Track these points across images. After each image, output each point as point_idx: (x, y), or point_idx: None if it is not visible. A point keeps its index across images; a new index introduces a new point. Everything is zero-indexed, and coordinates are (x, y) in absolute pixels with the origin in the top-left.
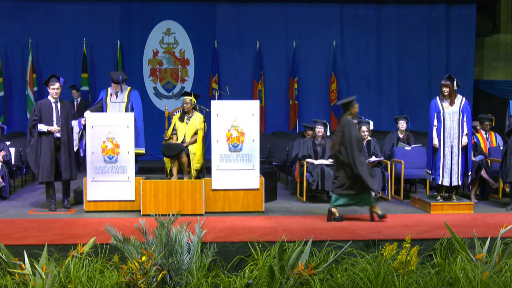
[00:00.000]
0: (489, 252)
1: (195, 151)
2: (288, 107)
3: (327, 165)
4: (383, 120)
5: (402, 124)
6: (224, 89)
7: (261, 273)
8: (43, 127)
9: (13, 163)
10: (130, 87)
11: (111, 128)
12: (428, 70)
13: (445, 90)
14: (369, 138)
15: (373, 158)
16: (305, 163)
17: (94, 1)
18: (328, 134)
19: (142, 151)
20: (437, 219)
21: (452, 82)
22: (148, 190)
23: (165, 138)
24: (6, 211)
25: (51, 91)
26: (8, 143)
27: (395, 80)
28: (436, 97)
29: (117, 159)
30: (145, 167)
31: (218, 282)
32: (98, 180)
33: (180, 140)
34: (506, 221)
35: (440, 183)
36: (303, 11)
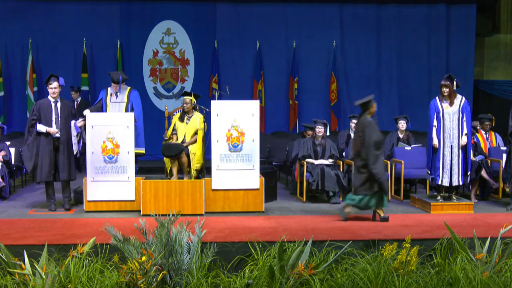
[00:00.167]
0: (489, 252)
1: (195, 151)
2: (288, 107)
3: (327, 165)
4: (383, 120)
5: (402, 124)
6: (224, 89)
7: (261, 273)
8: (41, 128)
9: (13, 163)
10: (130, 87)
11: (111, 128)
12: (428, 70)
13: (445, 91)
14: None
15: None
16: (305, 163)
17: (94, 1)
18: (328, 134)
19: (142, 151)
20: (437, 219)
21: (452, 83)
22: (148, 190)
23: (165, 138)
24: (6, 211)
25: (50, 90)
26: (8, 143)
27: (395, 80)
28: (436, 97)
29: (117, 159)
30: (145, 167)
31: (218, 282)
32: (98, 180)
33: (180, 140)
34: (506, 221)
35: (439, 183)
36: (303, 11)
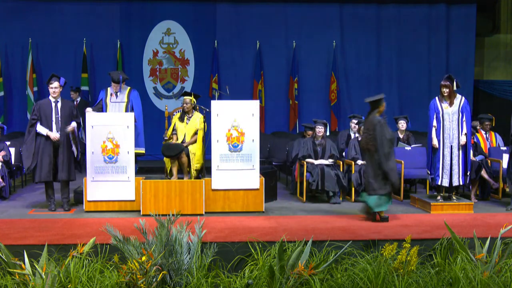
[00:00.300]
0: (489, 252)
1: (195, 151)
2: (288, 107)
3: (327, 165)
4: None
5: (402, 124)
6: (224, 89)
7: (261, 273)
8: (42, 130)
9: (13, 163)
10: (130, 87)
11: (111, 128)
12: (428, 70)
13: (444, 91)
14: None
15: None
16: (305, 163)
17: (94, 1)
18: (328, 134)
19: (142, 151)
20: (437, 219)
21: (452, 83)
22: (148, 190)
23: (165, 138)
24: (6, 211)
25: (50, 90)
26: (8, 143)
27: (395, 80)
28: (435, 98)
29: (117, 159)
30: (145, 167)
31: (218, 282)
32: (98, 180)
33: (180, 140)
34: (506, 221)
35: (439, 183)
36: (303, 11)
